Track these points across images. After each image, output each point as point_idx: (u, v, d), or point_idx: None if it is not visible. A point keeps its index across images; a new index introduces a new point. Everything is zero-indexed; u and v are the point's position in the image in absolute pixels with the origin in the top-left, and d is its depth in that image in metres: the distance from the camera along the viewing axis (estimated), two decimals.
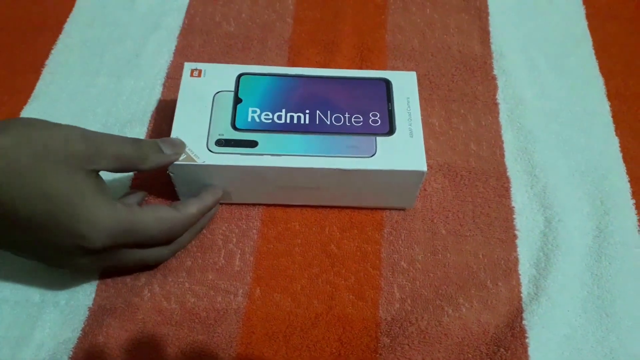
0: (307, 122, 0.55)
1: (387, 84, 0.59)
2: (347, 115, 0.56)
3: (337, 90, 0.58)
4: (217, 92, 0.57)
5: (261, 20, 0.75)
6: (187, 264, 0.55)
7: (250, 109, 0.56)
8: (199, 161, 0.52)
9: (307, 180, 0.55)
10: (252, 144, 0.53)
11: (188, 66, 0.58)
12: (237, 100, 0.56)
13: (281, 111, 0.56)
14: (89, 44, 0.72)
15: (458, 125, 0.67)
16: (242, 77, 0.58)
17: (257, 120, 0.55)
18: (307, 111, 0.56)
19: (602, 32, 0.75)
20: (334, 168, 0.53)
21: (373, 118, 0.56)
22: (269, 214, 0.59)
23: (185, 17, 0.75)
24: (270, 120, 0.55)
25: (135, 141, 0.49)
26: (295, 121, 0.55)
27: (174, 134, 0.54)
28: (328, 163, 0.53)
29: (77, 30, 0.73)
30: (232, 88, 0.57)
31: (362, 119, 0.56)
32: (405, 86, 0.59)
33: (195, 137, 0.53)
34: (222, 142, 0.53)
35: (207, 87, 0.57)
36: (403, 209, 0.60)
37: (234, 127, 0.55)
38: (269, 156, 0.53)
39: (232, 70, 0.58)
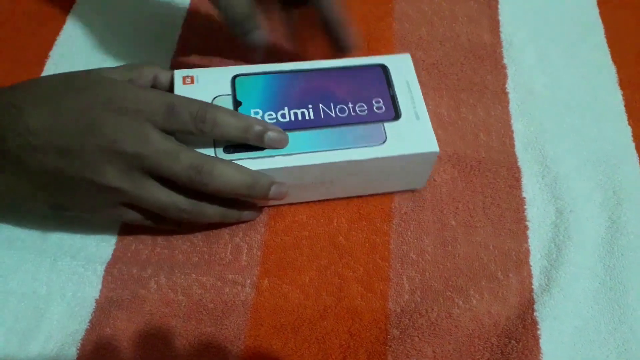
0: (312, 117, 0.55)
1: (384, 69, 0.58)
2: (350, 105, 0.55)
3: (336, 81, 0.57)
4: (215, 97, 0.55)
5: None
6: (194, 260, 0.55)
7: (252, 111, 0.54)
8: None
9: (320, 175, 0.54)
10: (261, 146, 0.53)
11: (179, 74, 0.56)
12: (236, 104, 0.55)
13: (284, 109, 0.55)
14: (92, 35, 0.71)
15: (467, 115, 0.66)
16: (237, 79, 0.57)
17: None
18: (310, 106, 0.55)
19: (614, 20, 0.74)
20: (347, 160, 0.52)
21: (377, 105, 0.56)
22: (276, 207, 0.58)
23: (189, 8, 0.75)
24: (274, 120, 0.54)
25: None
26: (299, 117, 0.54)
27: None
28: (340, 156, 0.52)
29: (81, 22, 0.72)
30: (229, 91, 0.56)
31: (366, 107, 0.55)
32: (402, 69, 0.58)
33: (201, 147, 0.52)
34: (230, 149, 0.52)
35: (203, 94, 0.54)
36: (414, 190, 0.60)
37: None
38: (280, 157, 0.52)
39: (225, 73, 0.57)
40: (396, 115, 0.55)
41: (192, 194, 0.50)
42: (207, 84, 0.55)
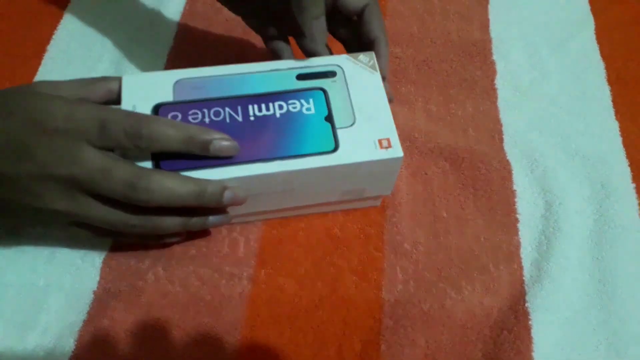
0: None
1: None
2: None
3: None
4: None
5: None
6: (191, 252, 0.55)
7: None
8: None
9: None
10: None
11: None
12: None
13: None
14: (90, 29, 0.72)
15: (456, 110, 0.67)
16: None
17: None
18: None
19: (605, 16, 0.76)
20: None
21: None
22: None
23: (186, 2, 0.75)
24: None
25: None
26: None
27: None
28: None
29: (78, 16, 0.73)
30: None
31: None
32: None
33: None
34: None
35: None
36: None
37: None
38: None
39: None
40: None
41: (141, 207, 0.47)
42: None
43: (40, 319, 0.51)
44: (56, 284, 0.53)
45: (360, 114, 0.53)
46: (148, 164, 0.48)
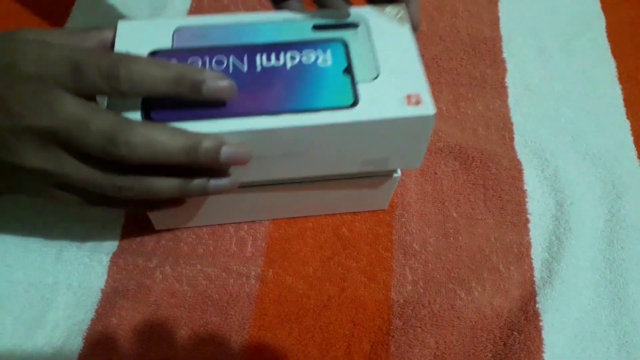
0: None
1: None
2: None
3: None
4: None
5: (269, 4, 0.74)
6: (199, 251, 0.55)
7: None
8: None
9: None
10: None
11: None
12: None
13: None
14: (96, 24, 0.71)
15: (466, 109, 0.66)
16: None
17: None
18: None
19: (616, 13, 0.75)
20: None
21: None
22: None
23: (193, 0, 0.75)
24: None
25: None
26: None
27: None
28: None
29: (84, 15, 0.73)
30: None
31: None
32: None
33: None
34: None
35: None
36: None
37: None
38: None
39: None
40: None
41: (132, 166, 0.41)
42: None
43: (48, 317, 0.51)
44: (64, 282, 0.53)
45: (386, 68, 0.46)
46: (137, 115, 0.43)
